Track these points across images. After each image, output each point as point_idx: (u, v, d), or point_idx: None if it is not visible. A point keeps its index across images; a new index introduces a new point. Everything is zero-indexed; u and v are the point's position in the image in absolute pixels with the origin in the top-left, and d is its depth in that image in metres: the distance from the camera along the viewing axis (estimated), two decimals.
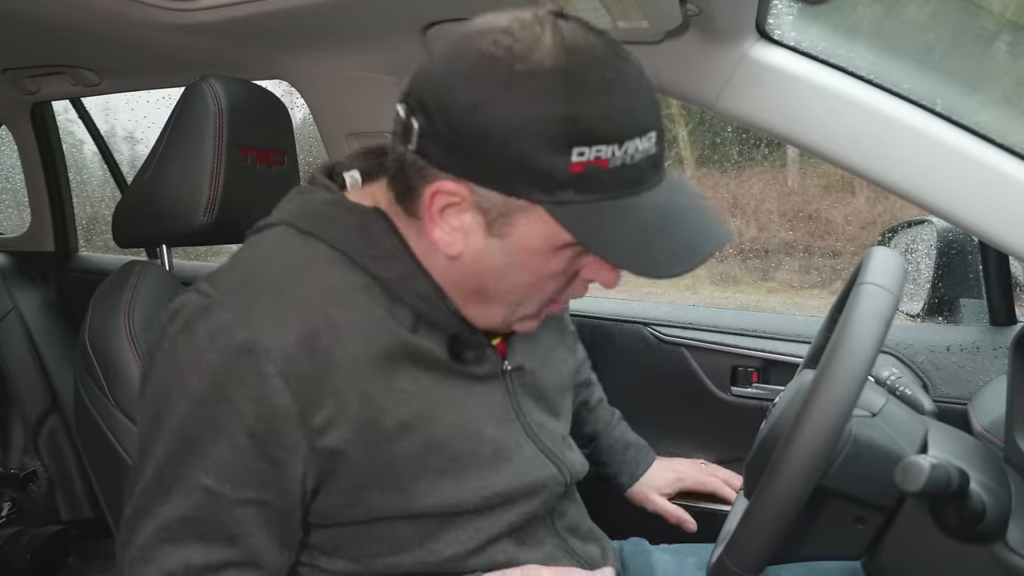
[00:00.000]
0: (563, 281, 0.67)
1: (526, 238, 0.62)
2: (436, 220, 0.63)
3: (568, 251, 0.63)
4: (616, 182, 0.59)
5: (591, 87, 0.57)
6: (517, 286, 0.66)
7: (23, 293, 1.99)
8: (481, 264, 0.65)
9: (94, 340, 0.89)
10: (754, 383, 1.39)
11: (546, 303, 0.70)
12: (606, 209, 0.59)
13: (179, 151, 0.97)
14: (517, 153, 0.57)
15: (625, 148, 0.58)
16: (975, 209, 0.86)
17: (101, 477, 0.91)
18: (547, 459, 0.79)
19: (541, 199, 0.58)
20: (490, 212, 0.61)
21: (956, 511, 0.62)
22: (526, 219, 0.61)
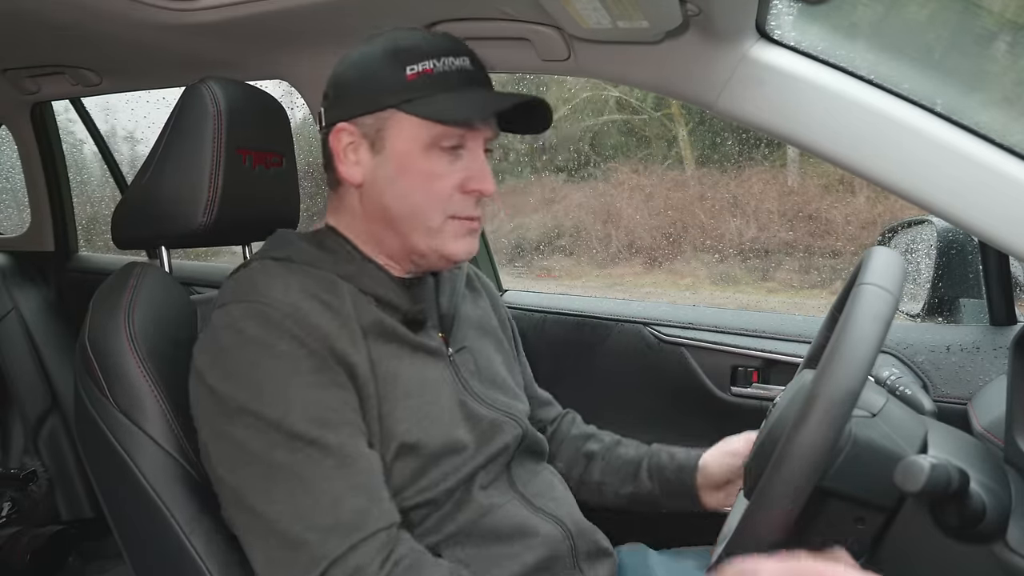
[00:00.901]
0: (446, 188, 0.84)
1: (397, 142, 0.83)
2: (342, 159, 0.86)
3: (435, 153, 0.83)
4: (441, 83, 0.82)
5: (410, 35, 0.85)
6: (410, 194, 0.84)
7: (23, 293, 1.99)
8: (377, 182, 0.85)
9: (94, 341, 0.88)
10: (754, 383, 1.39)
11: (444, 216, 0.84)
12: (441, 98, 0.82)
13: (178, 153, 0.98)
14: (371, 81, 0.84)
15: (442, 61, 0.82)
16: (975, 209, 0.86)
17: (101, 478, 0.91)
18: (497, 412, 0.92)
19: (393, 103, 0.82)
20: (369, 134, 0.84)
21: (956, 511, 0.62)
22: (391, 127, 0.83)
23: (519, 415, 0.96)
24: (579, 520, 0.95)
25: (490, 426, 0.90)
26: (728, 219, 4.13)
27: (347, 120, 0.85)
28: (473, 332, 1.00)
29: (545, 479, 0.98)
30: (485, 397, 0.93)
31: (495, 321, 1.07)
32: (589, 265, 4.55)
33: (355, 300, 0.83)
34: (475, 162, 0.85)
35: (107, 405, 0.87)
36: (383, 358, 0.83)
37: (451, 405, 0.87)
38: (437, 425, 0.84)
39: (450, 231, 0.85)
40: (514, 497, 0.91)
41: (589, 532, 0.95)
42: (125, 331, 0.88)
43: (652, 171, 4.66)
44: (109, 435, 0.86)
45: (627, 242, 4.48)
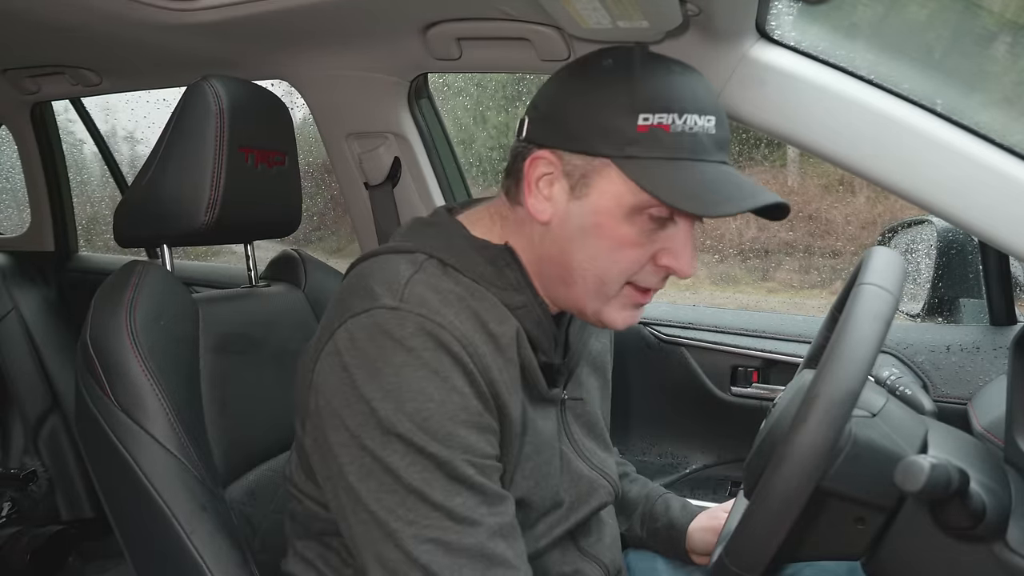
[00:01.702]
0: (639, 258, 0.73)
1: (601, 196, 0.71)
2: (532, 190, 0.75)
3: (640, 220, 0.71)
4: (677, 146, 0.69)
5: (656, 70, 0.71)
6: (596, 253, 0.73)
7: (23, 293, 1.99)
8: (565, 228, 0.74)
9: (95, 340, 0.89)
10: (754, 383, 1.39)
11: (623, 283, 0.75)
12: (667, 166, 0.69)
13: (180, 151, 0.97)
14: (593, 116, 0.70)
15: (684, 119, 0.69)
16: (975, 209, 0.86)
17: (102, 477, 0.91)
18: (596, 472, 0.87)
19: (611, 153, 0.70)
20: (572, 176, 0.73)
21: (956, 511, 0.62)
22: (600, 180, 0.71)
23: (613, 475, 0.90)
24: (619, 563, 0.94)
25: (588, 486, 0.85)
26: (728, 219, 4.12)
27: (552, 148, 0.73)
28: (588, 373, 0.93)
29: (599, 521, 0.93)
30: (585, 452, 0.88)
31: (609, 358, 1.00)
32: None
33: (518, 338, 0.75)
34: (679, 237, 0.73)
35: (108, 404, 0.87)
36: (528, 406, 0.77)
37: (556, 459, 0.82)
38: (547, 481, 0.79)
39: (621, 299, 0.76)
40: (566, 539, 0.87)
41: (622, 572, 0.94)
42: (127, 330, 0.88)
43: None
44: (110, 434, 0.86)
45: None
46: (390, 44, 1.18)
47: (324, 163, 2.84)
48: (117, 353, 0.87)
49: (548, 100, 0.75)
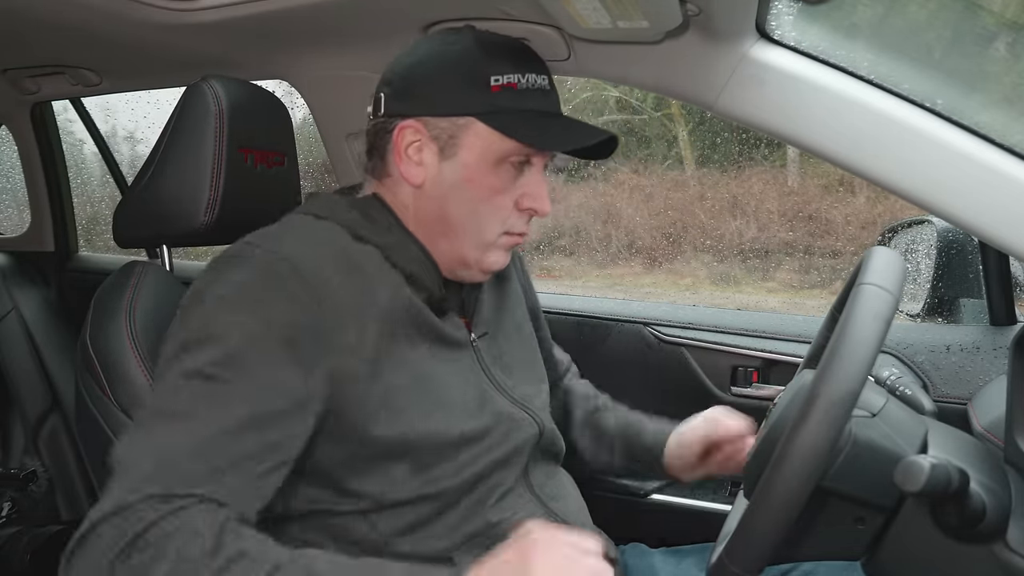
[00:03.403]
0: (507, 203, 0.83)
1: (470, 151, 0.81)
2: (403, 157, 0.83)
3: (503, 168, 0.82)
4: (524, 100, 0.81)
5: (494, 40, 0.84)
6: (472, 205, 0.83)
7: (23, 293, 1.99)
8: (439, 187, 0.83)
9: (95, 340, 0.89)
10: (754, 383, 1.39)
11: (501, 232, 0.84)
12: (521, 116, 0.81)
13: (180, 151, 0.97)
14: (452, 83, 0.81)
15: (527, 78, 0.82)
16: (975, 209, 0.86)
17: (102, 477, 0.91)
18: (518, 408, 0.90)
19: (475, 111, 0.80)
20: (440, 138, 0.82)
21: (956, 511, 0.62)
22: (467, 136, 0.81)
23: (537, 410, 0.94)
24: (588, 525, 0.95)
25: (507, 419, 0.88)
26: (728, 219, 4.13)
27: (416, 118, 0.82)
28: (496, 313, 0.97)
29: (560, 481, 0.96)
30: (505, 386, 0.91)
31: (519, 296, 1.05)
32: (589, 265, 4.55)
33: (386, 275, 0.81)
34: (535, 180, 0.85)
35: (108, 403, 0.87)
36: (399, 342, 0.80)
37: (468, 395, 0.85)
38: (451, 416, 0.82)
39: (500, 246, 0.85)
40: (532, 500, 0.89)
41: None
42: (126, 330, 0.88)
43: (652, 171, 4.66)
44: (110, 433, 0.86)
45: (627, 242, 4.48)
46: (390, 44, 1.18)
47: (324, 163, 2.84)
48: (117, 353, 0.87)
49: (402, 76, 0.84)
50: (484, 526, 0.83)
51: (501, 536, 0.82)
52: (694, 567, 1.02)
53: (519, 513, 0.86)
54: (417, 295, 0.83)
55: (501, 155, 0.81)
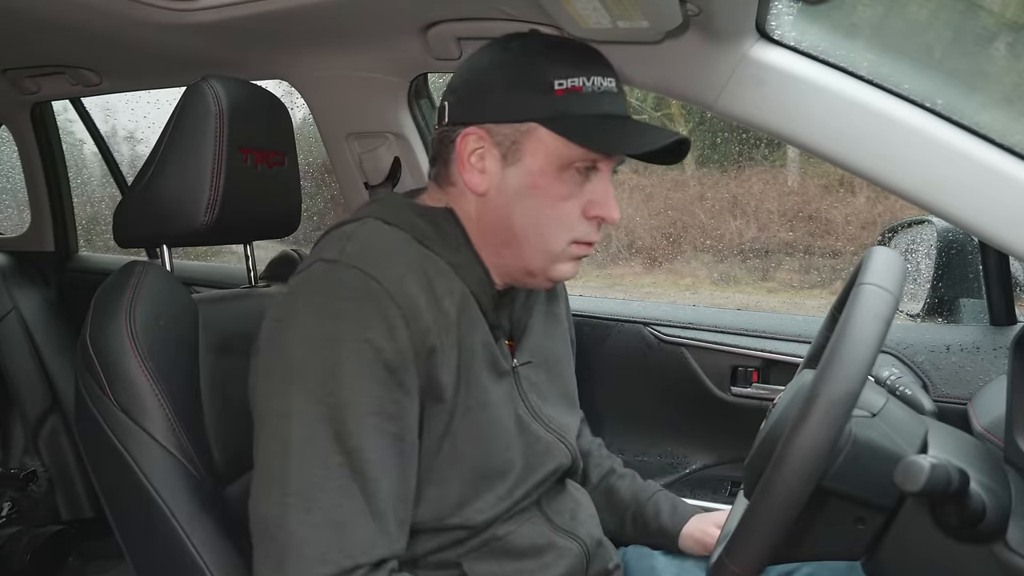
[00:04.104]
0: (573, 210, 0.80)
1: (533, 158, 0.78)
2: (466, 165, 0.81)
3: (569, 174, 0.79)
4: (589, 104, 0.78)
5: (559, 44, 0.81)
6: (537, 212, 0.80)
7: (23, 293, 1.99)
8: (503, 194, 0.80)
9: (95, 340, 0.88)
10: (754, 383, 1.39)
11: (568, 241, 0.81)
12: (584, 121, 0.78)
13: (180, 151, 0.97)
14: (515, 88, 0.78)
15: (592, 81, 0.78)
16: (975, 209, 0.86)
17: (102, 477, 0.91)
18: (553, 436, 0.90)
19: (537, 117, 0.77)
20: (503, 144, 0.79)
21: (956, 511, 0.62)
22: (530, 142, 0.78)
23: (571, 439, 0.93)
24: (598, 537, 0.95)
25: (544, 448, 0.88)
26: (728, 219, 4.13)
27: (479, 125, 0.80)
28: (543, 339, 0.96)
29: (570, 497, 0.96)
30: (541, 414, 0.90)
31: (564, 329, 1.03)
32: (589, 265, 4.54)
33: (461, 294, 0.80)
34: (602, 186, 0.81)
35: (108, 404, 0.87)
36: (470, 366, 0.79)
37: (510, 423, 0.84)
38: (494, 444, 0.82)
39: (567, 255, 0.82)
40: (536, 514, 0.89)
41: (604, 550, 0.95)
42: (126, 330, 0.88)
43: (652, 171, 4.66)
44: (110, 434, 0.86)
45: (627, 242, 4.47)
46: (390, 44, 1.18)
47: (324, 163, 2.84)
48: (117, 353, 0.87)
49: (466, 83, 0.82)
50: (492, 537, 0.83)
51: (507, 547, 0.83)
52: (695, 568, 1.02)
53: (524, 525, 0.86)
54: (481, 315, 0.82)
55: (566, 161, 0.78)
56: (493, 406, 0.82)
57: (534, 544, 0.86)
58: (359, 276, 0.72)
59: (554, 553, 0.87)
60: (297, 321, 0.73)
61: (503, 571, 0.83)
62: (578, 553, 0.89)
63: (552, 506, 0.91)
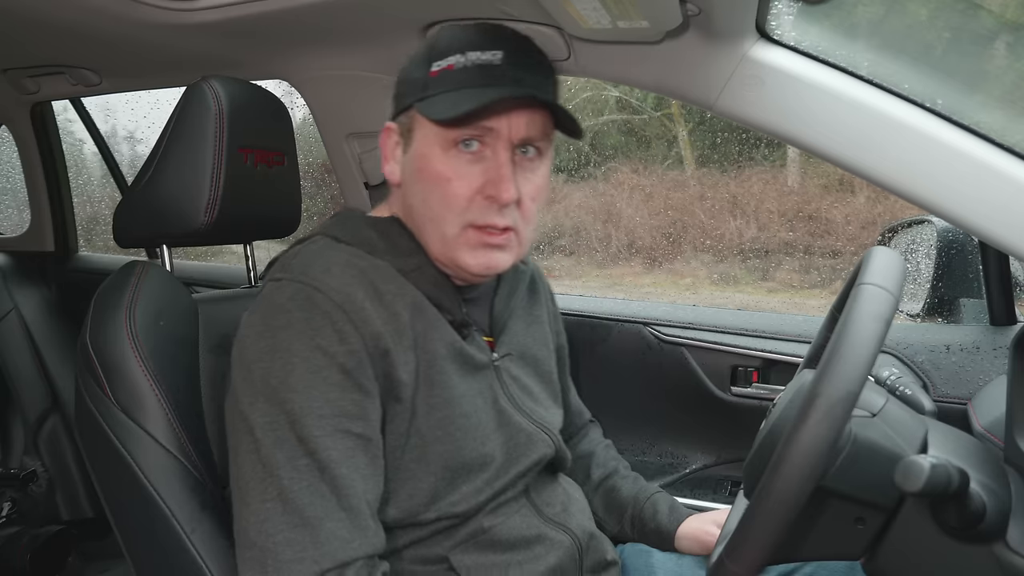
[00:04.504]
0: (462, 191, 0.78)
1: (418, 142, 0.81)
2: (387, 157, 0.86)
3: (454, 153, 0.78)
4: (461, 79, 0.77)
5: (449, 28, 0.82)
6: (424, 194, 0.80)
7: (23, 293, 1.99)
8: (407, 182, 0.83)
9: (95, 340, 0.88)
10: (754, 383, 1.39)
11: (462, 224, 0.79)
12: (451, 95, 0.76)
13: (180, 151, 0.97)
14: (405, 79, 0.83)
15: (467, 56, 0.77)
16: (975, 209, 0.86)
17: (102, 477, 0.91)
18: (536, 427, 0.91)
19: (414, 102, 0.80)
20: (404, 134, 0.83)
21: (956, 511, 0.62)
22: (416, 127, 0.81)
23: (554, 431, 0.94)
24: (590, 530, 0.95)
25: (525, 439, 0.89)
26: (728, 219, 4.13)
27: (393, 119, 0.85)
28: (523, 337, 0.97)
29: (561, 490, 0.97)
30: (524, 407, 0.91)
31: (547, 329, 1.04)
32: (589, 265, 4.54)
33: (413, 299, 0.81)
34: (494, 164, 0.78)
35: (108, 404, 0.87)
36: (430, 366, 0.80)
37: (486, 416, 0.85)
38: (468, 439, 0.82)
39: (465, 241, 0.80)
40: (526, 505, 0.90)
41: (598, 542, 0.95)
42: (127, 330, 0.88)
43: (652, 171, 4.66)
44: (110, 434, 0.86)
45: (627, 242, 4.47)
46: (390, 44, 1.18)
47: (324, 163, 2.84)
48: (117, 354, 0.87)
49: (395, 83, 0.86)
50: (479, 529, 0.84)
51: (495, 539, 0.84)
52: (694, 566, 1.02)
53: (513, 517, 0.87)
54: (442, 316, 0.83)
55: (447, 140, 0.78)
56: (461, 401, 0.82)
57: (523, 536, 0.86)
58: (304, 289, 0.76)
59: (544, 545, 0.87)
60: (251, 338, 0.76)
61: (491, 563, 0.83)
62: (569, 545, 0.89)
63: (543, 497, 0.92)
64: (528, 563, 0.85)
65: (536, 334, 1.00)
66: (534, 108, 0.78)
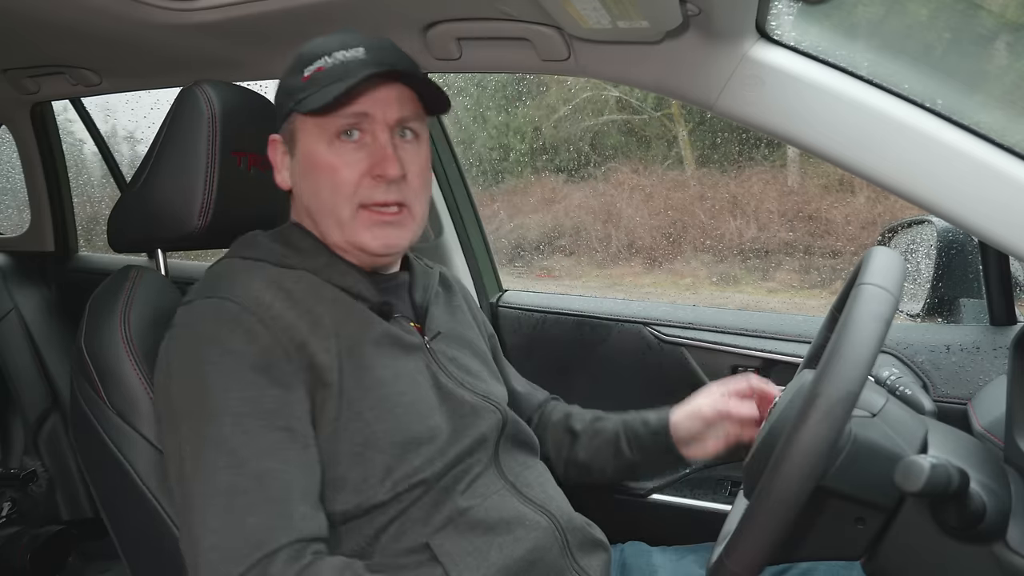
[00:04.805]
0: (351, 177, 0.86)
1: (303, 144, 0.88)
2: (278, 167, 0.93)
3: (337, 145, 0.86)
4: (329, 77, 0.84)
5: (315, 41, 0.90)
6: (316, 186, 0.87)
7: (23, 293, 1.99)
8: (298, 185, 0.91)
9: (90, 344, 0.89)
10: None
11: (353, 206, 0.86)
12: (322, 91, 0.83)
13: (173, 156, 0.98)
14: (283, 91, 0.90)
15: (333, 57, 0.86)
16: (975, 209, 0.86)
17: (98, 480, 0.91)
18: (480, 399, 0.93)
19: (292, 107, 0.87)
20: (288, 142, 0.91)
21: (956, 511, 0.62)
22: (298, 131, 0.89)
23: (498, 400, 0.97)
24: (570, 513, 0.96)
25: (470, 411, 0.91)
26: (728, 219, 4.13)
27: (277, 131, 0.92)
28: (449, 321, 1.01)
29: (537, 473, 0.98)
30: (465, 382, 0.94)
31: (469, 318, 1.09)
32: (589, 265, 4.55)
33: (327, 293, 0.86)
34: (377, 147, 0.86)
35: (103, 407, 0.87)
36: (353, 350, 0.84)
37: (427, 392, 0.88)
38: (411, 414, 0.85)
39: (361, 222, 0.87)
40: (504, 487, 0.91)
41: (581, 525, 0.96)
42: (121, 334, 0.88)
43: (652, 171, 4.66)
44: (105, 437, 0.86)
45: (627, 242, 4.47)
46: None
47: None
48: (111, 357, 0.87)
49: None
50: (455, 512, 0.85)
51: (473, 521, 0.85)
52: (694, 566, 1.02)
53: (491, 498, 0.88)
54: (361, 304, 0.88)
55: (327, 133, 0.85)
56: (397, 381, 0.86)
57: (502, 517, 0.87)
58: (211, 302, 0.81)
59: (525, 527, 0.88)
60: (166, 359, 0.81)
61: (473, 547, 0.84)
62: (548, 526, 0.90)
63: (520, 479, 0.94)
64: (509, 545, 0.86)
65: (460, 319, 1.05)
66: (402, 90, 0.87)
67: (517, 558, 0.85)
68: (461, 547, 0.83)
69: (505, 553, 0.85)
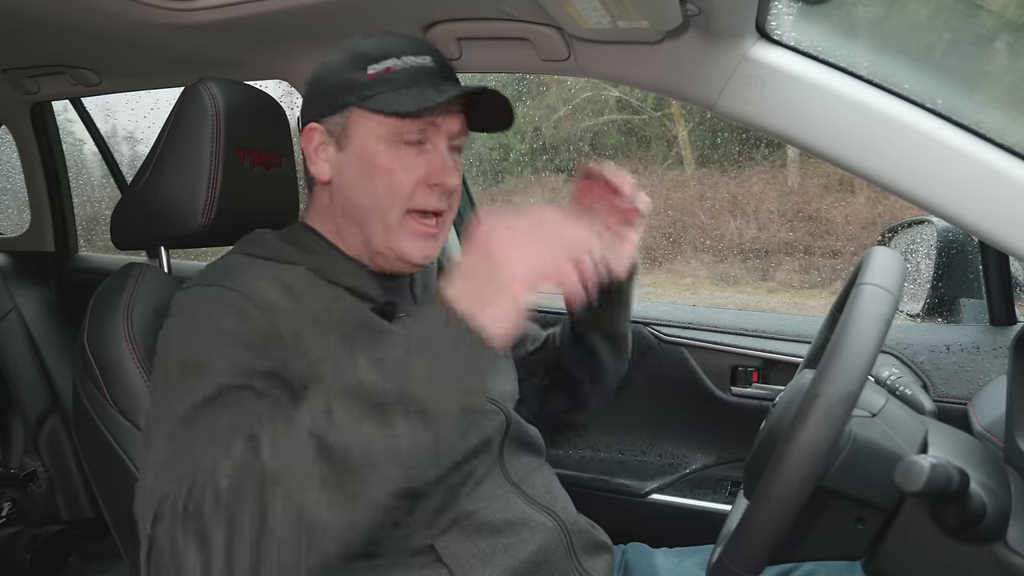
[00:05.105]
0: (408, 181, 0.85)
1: (359, 138, 0.86)
2: (313, 159, 0.89)
3: (397, 147, 0.85)
4: (400, 80, 0.85)
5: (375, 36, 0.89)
6: (369, 185, 0.86)
7: (23, 293, 1.99)
8: (343, 178, 0.88)
9: (92, 342, 0.89)
10: (754, 383, 1.39)
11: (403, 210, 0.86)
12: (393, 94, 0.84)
13: (177, 153, 0.97)
14: (336, 82, 0.87)
15: (403, 60, 0.85)
16: (975, 209, 0.86)
17: (100, 478, 0.91)
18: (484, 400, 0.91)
19: (354, 100, 0.85)
20: (335, 133, 0.87)
21: (956, 511, 0.62)
22: (355, 124, 0.86)
23: (503, 400, 0.96)
24: (574, 514, 0.96)
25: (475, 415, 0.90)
26: (728, 219, 4.13)
27: (317, 120, 0.88)
28: None
29: (543, 475, 0.98)
30: None
31: None
32: None
33: (329, 292, 0.85)
34: (437, 156, 0.86)
35: (106, 405, 0.87)
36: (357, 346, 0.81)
37: None
38: None
39: (407, 230, 0.86)
40: (509, 490, 0.91)
41: (585, 527, 0.96)
42: (124, 332, 0.88)
43: (652, 171, 4.66)
44: (107, 435, 0.86)
45: None
46: None
47: None
48: (114, 356, 0.87)
49: (309, 88, 0.91)
50: (461, 514, 0.85)
51: (479, 523, 0.84)
52: (695, 568, 1.02)
53: (496, 500, 0.88)
54: (363, 305, 0.87)
55: (390, 135, 0.85)
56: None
57: (507, 519, 0.87)
58: (210, 289, 0.80)
59: (530, 528, 0.88)
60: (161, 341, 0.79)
61: (478, 550, 0.84)
62: (553, 527, 0.90)
63: (525, 480, 0.93)
64: (514, 547, 0.86)
65: None
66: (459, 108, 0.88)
67: (522, 560, 0.85)
68: (466, 549, 0.83)
69: (510, 555, 0.85)
